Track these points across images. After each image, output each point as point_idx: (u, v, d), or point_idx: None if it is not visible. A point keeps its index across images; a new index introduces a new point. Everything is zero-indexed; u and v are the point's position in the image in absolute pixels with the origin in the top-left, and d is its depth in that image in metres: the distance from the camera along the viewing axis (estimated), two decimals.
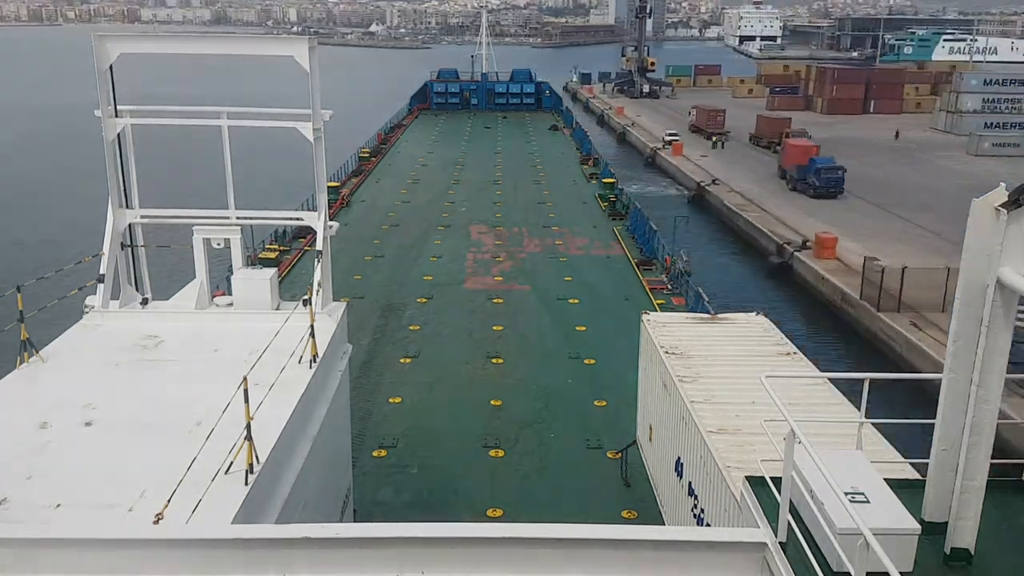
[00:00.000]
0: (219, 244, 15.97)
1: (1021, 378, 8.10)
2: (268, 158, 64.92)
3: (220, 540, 7.20)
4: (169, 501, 9.14)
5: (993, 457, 7.46)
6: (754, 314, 18.21)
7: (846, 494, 6.85)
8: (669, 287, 34.36)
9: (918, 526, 7.29)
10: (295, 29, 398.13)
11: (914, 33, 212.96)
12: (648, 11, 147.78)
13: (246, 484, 9.94)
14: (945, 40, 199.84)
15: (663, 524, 15.63)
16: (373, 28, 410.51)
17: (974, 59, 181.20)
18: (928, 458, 7.83)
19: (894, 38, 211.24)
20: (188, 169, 64.46)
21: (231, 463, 10.07)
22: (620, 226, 44.60)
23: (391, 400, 24.60)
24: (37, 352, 13.39)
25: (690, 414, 13.87)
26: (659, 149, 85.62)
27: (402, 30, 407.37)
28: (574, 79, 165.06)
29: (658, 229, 40.43)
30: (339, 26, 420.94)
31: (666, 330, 17.31)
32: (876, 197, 61.90)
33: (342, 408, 16.36)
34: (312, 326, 13.63)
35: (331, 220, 16.86)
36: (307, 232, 36.91)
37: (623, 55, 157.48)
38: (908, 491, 7.90)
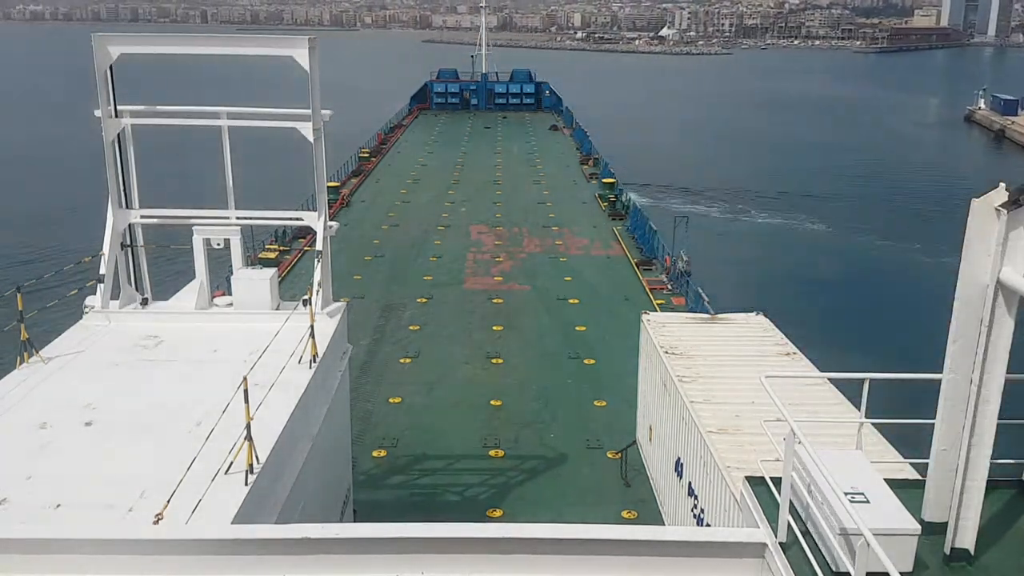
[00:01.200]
0: (219, 244, 15.98)
1: (1021, 378, 8.03)
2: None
3: (220, 540, 7.20)
4: (169, 501, 9.14)
5: (993, 457, 7.46)
6: (754, 314, 18.21)
7: (846, 494, 6.85)
8: (669, 287, 34.35)
9: (918, 526, 7.29)
10: (579, 34, 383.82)
11: None
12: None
13: (246, 484, 9.94)
14: None
15: (663, 524, 15.64)
16: (664, 32, 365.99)
17: None
18: (928, 458, 7.83)
19: None
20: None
21: (231, 463, 10.07)
22: (620, 226, 44.58)
23: (391, 400, 24.59)
24: (37, 352, 13.39)
25: (690, 414, 13.88)
26: None
27: (691, 33, 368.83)
28: (981, 105, 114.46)
29: (658, 229, 40.45)
30: (624, 30, 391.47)
31: (666, 330, 17.31)
32: None
33: (342, 408, 16.36)
34: (312, 326, 13.63)
35: (331, 220, 16.86)
36: (307, 232, 36.90)
37: None
38: (908, 491, 7.90)
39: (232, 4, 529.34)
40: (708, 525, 12.49)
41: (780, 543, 7.41)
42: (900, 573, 5.73)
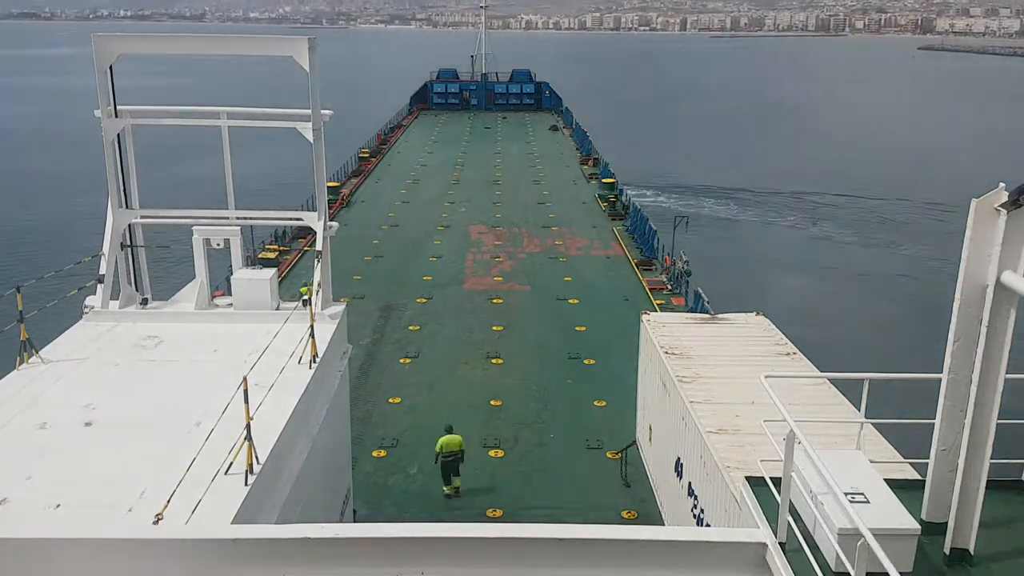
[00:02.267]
0: (219, 244, 15.98)
1: (1021, 378, 8.08)
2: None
3: (220, 540, 7.19)
4: (169, 501, 9.14)
5: (993, 457, 7.47)
6: (754, 314, 18.21)
7: (846, 494, 6.85)
8: (669, 287, 34.36)
9: (918, 526, 7.30)
10: None
11: None
12: None
13: (246, 484, 9.94)
14: None
15: (663, 524, 15.63)
16: None
17: None
18: (928, 458, 7.83)
19: None
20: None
21: (231, 463, 10.07)
22: (620, 226, 44.60)
23: (391, 400, 24.60)
24: (37, 352, 13.39)
25: (690, 414, 13.87)
26: None
27: None
28: None
29: (658, 229, 40.46)
30: None
31: (666, 330, 17.31)
32: None
33: (342, 408, 16.36)
34: (312, 326, 13.63)
35: (331, 220, 16.87)
36: (307, 232, 36.90)
37: None
38: (908, 491, 7.91)
39: (714, 13, 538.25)
40: (708, 525, 12.49)
41: (780, 543, 7.40)
42: (900, 573, 5.72)
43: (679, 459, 14.79)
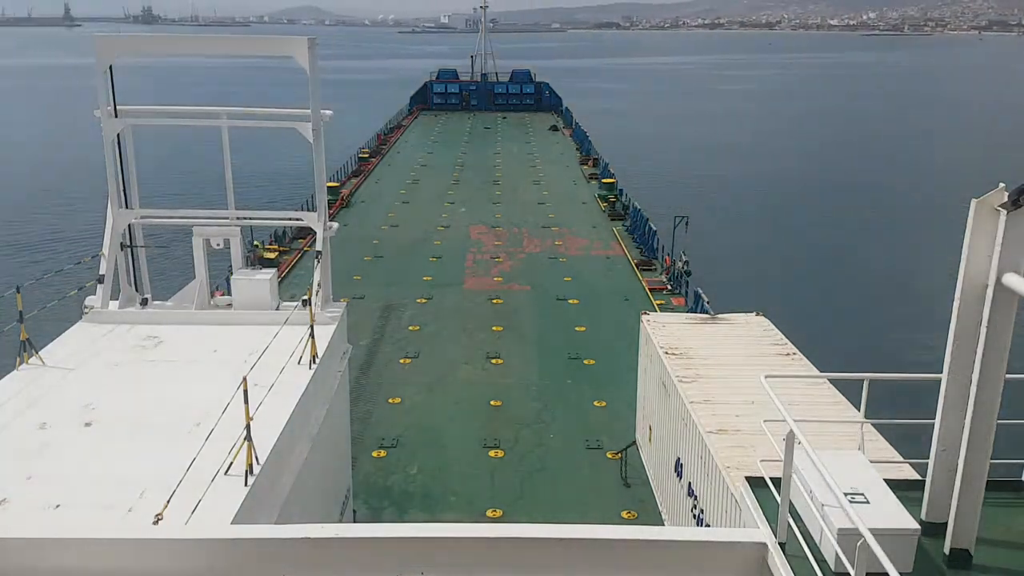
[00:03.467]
0: (219, 244, 15.98)
1: (1021, 378, 8.10)
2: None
3: (220, 540, 7.19)
4: (169, 501, 9.14)
5: (993, 457, 7.47)
6: (754, 314, 18.22)
7: (846, 494, 6.85)
8: (669, 287, 34.37)
9: (918, 526, 7.29)
10: None
11: None
12: None
13: (246, 484, 9.94)
14: None
15: (663, 524, 15.64)
16: None
17: None
18: (928, 458, 7.83)
19: None
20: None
21: (231, 463, 10.07)
22: (620, 226, 44.63)
23: (391, 400, 24.60)
24: (37, 352, 13.39)
25: (689, 414, 13.87)
26: None
27: None
28: None
29: (657, 229, 40.46)
30: None
31: (666, 330, 17.31)
32: None
33: (342, 408, 16.36)
34: (312, 326, 13.63)
35: (331, 220, 16.86)
36: (307, 232, 36.89)
37: None
38: (908, 491, 7.90)
39: None
40: (708, 525, 12.49)
41: (780, 543, 7.40)
42: (900, 573, 5.72)
43: (679, 459, 14.79)
